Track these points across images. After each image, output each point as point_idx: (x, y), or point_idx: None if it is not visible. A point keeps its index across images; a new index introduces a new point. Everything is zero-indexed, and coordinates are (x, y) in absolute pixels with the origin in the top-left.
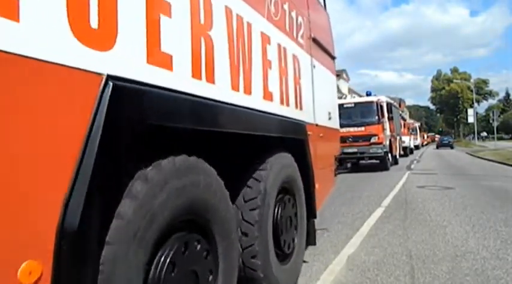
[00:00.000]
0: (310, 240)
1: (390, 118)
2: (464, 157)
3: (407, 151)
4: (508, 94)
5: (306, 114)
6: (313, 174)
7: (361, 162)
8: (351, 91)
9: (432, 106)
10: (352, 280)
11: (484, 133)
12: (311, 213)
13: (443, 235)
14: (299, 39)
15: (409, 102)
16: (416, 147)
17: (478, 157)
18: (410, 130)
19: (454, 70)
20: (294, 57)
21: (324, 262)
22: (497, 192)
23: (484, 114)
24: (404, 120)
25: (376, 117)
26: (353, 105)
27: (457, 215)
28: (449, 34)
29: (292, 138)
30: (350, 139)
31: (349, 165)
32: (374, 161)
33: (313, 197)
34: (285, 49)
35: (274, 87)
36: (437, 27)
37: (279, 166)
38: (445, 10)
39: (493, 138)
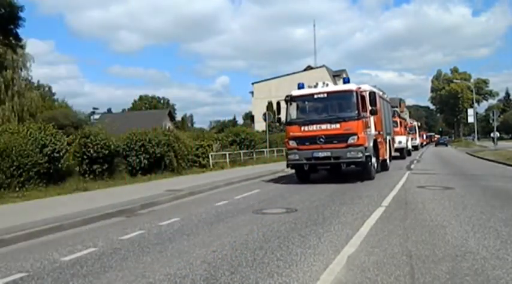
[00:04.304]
0: None
1: (374, 113)
2: (464, 157)
3: (404, 153)
4: (508, 94)
5: None
6: None
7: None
8: None
9: (432, 106)
10: (352, 280)
11: (497, 134)
12: None
13: (443, 235)
14: None
15: (409, 102)
16: (415, 148)
17: (478, 157)
18: (408, 130)
19: (454, 70)
20: None
21: (324, 262)
22: (497, 192)
23: (484, 114)
24: (404, 119)
25: (356, 111)
26: (325, 95)
27: (457, 216)
28: (450, 34)
29: None
30: (321, 139)
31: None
32: (355, 167)
33: None
34: None
35: None
36: (439, 26)
37: None
38: (447, 10)
39: (493, 138)
